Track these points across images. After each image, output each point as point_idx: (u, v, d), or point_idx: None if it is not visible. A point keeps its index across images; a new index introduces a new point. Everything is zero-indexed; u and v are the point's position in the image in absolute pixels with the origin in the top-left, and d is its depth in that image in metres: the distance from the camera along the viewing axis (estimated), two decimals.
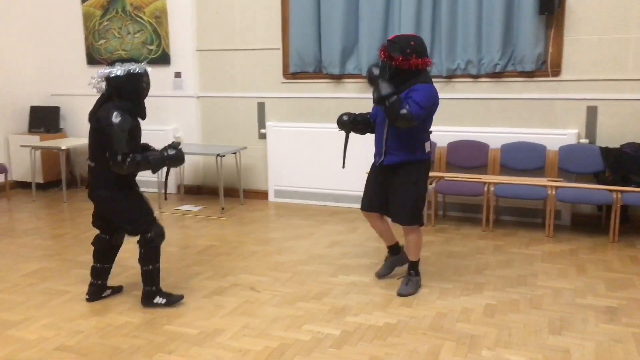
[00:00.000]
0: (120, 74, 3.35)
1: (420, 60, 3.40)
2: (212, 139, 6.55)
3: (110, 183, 3.39)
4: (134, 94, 3.40)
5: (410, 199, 3.61)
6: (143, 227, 3.47)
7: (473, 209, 5.49)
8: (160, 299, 3.53)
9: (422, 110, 3.38)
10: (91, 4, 6.74)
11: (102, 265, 3.65)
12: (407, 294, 3.66)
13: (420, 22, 5.46)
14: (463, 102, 5.55)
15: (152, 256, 3.50)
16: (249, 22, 6.18)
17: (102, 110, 3.37)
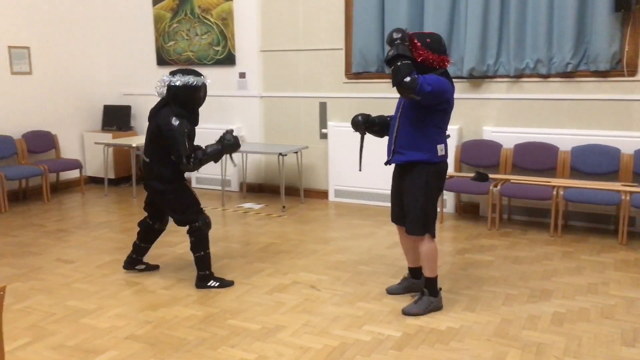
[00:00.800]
0: (178, 84, 3.64)
1: (435, 56, 3.24)
2: (274, 138, 6.65)
3: (162, 177, 3.75)
4: (189, 103, 3.70)
5: (417, 205, 3.34)
6: (191, 217, 3.79)
7: (540, 213, 5.31)
8: (214, 282, 3.84)
9: (429, 88, 3.12)
10: (162, 6, 6.99)
11: (141, 244, 4.06)
12: (411, 314, 3.36)
13: (488, 20, 5.33)
14: (531, 103, 5.38)
15: (202, 243, 3.80)
16: (313, 23, 6.23)
17: (160, 115, 3.69)
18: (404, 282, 3.75)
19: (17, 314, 3.44)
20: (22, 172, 6.24)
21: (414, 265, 3.65)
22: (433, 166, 3.34)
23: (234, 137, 3.81)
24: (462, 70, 5.52)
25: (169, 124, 3.58)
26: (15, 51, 6.43)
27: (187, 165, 3.62)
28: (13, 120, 6.46)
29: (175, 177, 3.77)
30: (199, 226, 3.77)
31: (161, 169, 3.74)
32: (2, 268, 4.25)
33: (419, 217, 3.37)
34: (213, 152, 3.74)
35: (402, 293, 3.68)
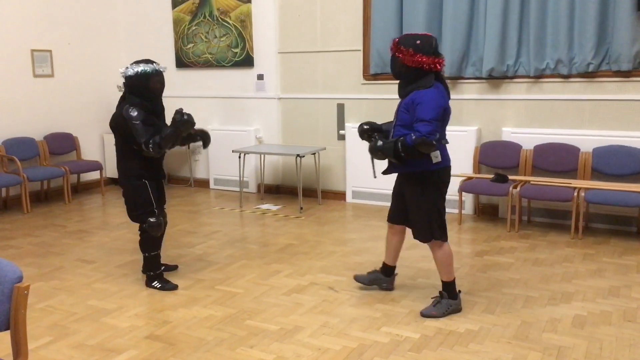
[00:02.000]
0: (130, 74, 3.69)
1: (427, 58, 3.17)
2: (292, 139, 6.66)
3: (125, 171, 3.80)
4: (144, 91, 3.70)
5: (420, 213, 3.35)
6: (140, 217, 3.81)
7: (561, 215, 5.24)
8: (157, 283, 3.87)
9: (432, 123, 3.12)
10: (181, 9, 7.06)
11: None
12: (429, 316, 3.35)
13: (507, 20, 5.28)
14: (552, 103, 5.32)
15: (147, 245, 3.86)
16: (331, 24, 6.24)
17: (119, 107, 3.73)
18: (373, 274, 3.80)
19: (39, 313, 3.50)
20: (44, 173, 6.34)
21: (390, 263, 3.73)
22: (429, 175, 3.29)
23: (186, 114, 3.70)
24: (481, 70, 5.48)
25: (127, 114, 3.61)
26: (37, 54, 6.55)
27: (147, 150, 3.60)
28: (35, 122, 6.57)
29: (136, 172, 3.75)
30: (146, 227, 3.79)
31: (126, 163, 3.78)
32: (25, 268, 4.32)
33: (422, 225, 3.36)
34: (169, 133, 3.66)
35: (367, 284, 3.78)
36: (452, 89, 5.70)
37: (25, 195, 6.03)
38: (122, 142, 3.74)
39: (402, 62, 3.22)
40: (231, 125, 6.90)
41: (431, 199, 3.33)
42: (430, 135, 3.10)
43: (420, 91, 3.20)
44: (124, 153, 3.76)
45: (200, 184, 7.25)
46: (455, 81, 5.69)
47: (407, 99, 3.27)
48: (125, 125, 3.62)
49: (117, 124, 3.69)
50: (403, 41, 3.25)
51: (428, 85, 3.21)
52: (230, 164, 6.67)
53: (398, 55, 3.23)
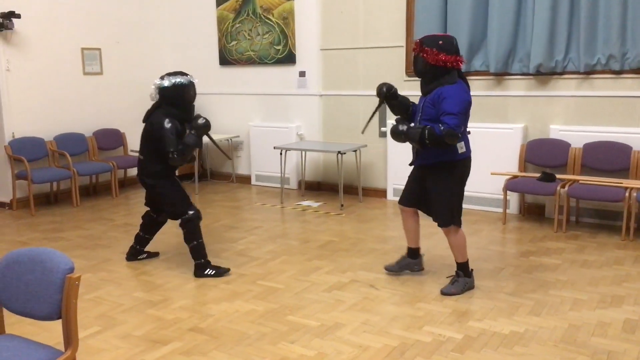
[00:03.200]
0: (167, 85, 3.93)
1: (449, 57, 3.41)
2: (333, 136, 6.66)
3: (154, 173, 4.03)
4: (179, 101, 3.97)
5: (443, 201, 3.59)
6: (180, 210, 4.00)
7: (611, 216, 5.07)
8: (210, 270, 4.02)
9: (458, 116, 3.37)
10: (225, 7, 7.14)
11: (144, 235, 4.36)
12: (450, 294, 3.61)
13: (557, 14, 5.13)
14: (603, 100, 5.14)
15: (194, 234, 4.02)
16: (374, 21, 6.20)
17: (154, 116, 3.96)
18: (401, 261, 3.99)
19: (88, 303, 3.61)
20: (93, 168, 6.53)
21: (413, 245, 3.95)
22: (454, 165, 3.54)
23: (203, 118, 3.98)
24: (528, 66, 5.34)
25: (161, 125, 3.86)
26: (87, 52, 6.75)
27: (173, 159, 3.84)
28: (85, 118, 6.77)
29: (165, 173, 4.04)
30: (189, 217, 3.98)
31: (153, 165, 4.01)
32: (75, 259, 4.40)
33: (445, 211, 3.61)
34: (189, 140, 3.90)
35: (397, 271, 3.97)
36: (497, 85, 5.62)
37: (75, 189, 6.24)
38: (154, 147, 3.95)
39: (426, 61, 3.45)
40: (273, 122, 6.95)
41: (455, 187, 3.61)
42: (457, 127, 3.35)
43: (445, 87, 3.43)
44: (156, 157, 3.97)
45: (242, 180, 7.33)
46: (501, 77, 5.57)
47: (432, 94, 3.48)
48: (160, 133, 3.86)
49: (154, 130, 3.90)
50: (426, 41, 3.49)
51: (452, 82, 3.45)
52: (271, 160, 6.72)
53: (422, 54, 3.47)
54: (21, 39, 6.11)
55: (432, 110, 3.47)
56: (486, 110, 5.66)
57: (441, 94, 3.42)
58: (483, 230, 5.06)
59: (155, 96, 4.00)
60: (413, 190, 3.78)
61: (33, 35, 6.20)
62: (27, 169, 5.83)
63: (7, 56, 6.01)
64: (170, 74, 4.01)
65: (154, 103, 4.04)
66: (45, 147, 6.28)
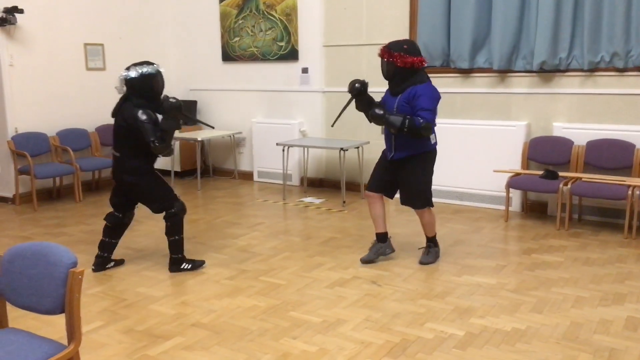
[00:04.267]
0: (134, 76, 3.79)
1: (415, 58, 3.78)
2: (335, 133, 6.63)
3: (133, 169, 3.88)
4: (148, 91, 3.82)
5: (420, 186, 3.98)
6: (166, 204, 3.95)
7: (613, 214, 5.06)
8: (186, 265, 4.04)
9: (433, 112, 3.79)
10: (228, 3, 7.13)
11: (110, 240, 4.10)
12: (428, 262, 4.10)
13: (561, 11, 5.11)
14: (606, 98, 5.13)
15: (177, 228, 3.99)
16: (377, 17, 6.18)
17: (124, 109, 3.82)
18: (373, 248, 4.23)
19: (90, 298, 3.61)
20: (96, 163, 6.54)
21: (381, 230, 4.21)
22: (429, 153, 3.98)
23: (172, 98, 3.80)
24: (531, 64, 5.33)
25: (136, 118, 3.72)
26: (90, 48, 6.74)
27: (155, 147, 3.72)
28: (87, 114, 6.77)
29: (146, 168, 3.93)
30: (175, 212, 3.95)
31: (132, 161, 3.87)
32: (78, 254, 4.37)
33: (421, 195, 4.00)
34: (166, 124, 3.78)
35: (374, 258, 4.19)
36: (500, 82, 5.61)
37: (77, 184, 6.25)
38: (131, 142, 3.82)
39: (395, 65, 3.79)
40: (275, 119, 6.95)
41: (429, 173, 4.02)
42: (432, 122, 3.78)
43: (418, 86, 3.81)
44: (133, 152, 3.85)
45: (244, 177, 7.34)
46: (505, 74, 5.55)
47: (405, 93, 3.83)
48: (136, 126, 3.73)
49: (129, 125, 3.77)
50: (393, 47, 3.84)
51: (423, 81, 3.85)
52: (274, 156, 6.72)
53: (390, 59, 3.81)
54: (24, 34, 6.11)
55: (407, 107, 3.81)
56: (489, 107, 5.65)
57: (416, 92, 3.78)
58: (485, 228, 5.05)
59: (121, 88, 3.87)
60: (382, 178, 4.11)
61: (36, 30, 6.20)
62: (30, 164, 5.84)
63: (11, 51, 6.01)
64: (136, 64, 3.85)
65: (122, 96, 3.90)
66: (48, 142, 6.28)
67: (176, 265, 4.03)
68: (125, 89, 3.85)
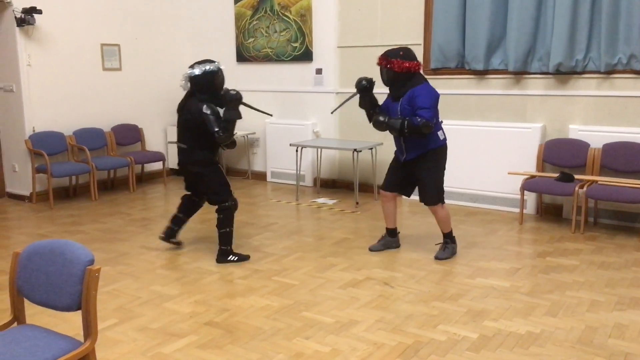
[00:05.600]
0: (198, 73, 4.08)
1: (411, 63, 3.99)
2: (349, 134, 6.65)
3: (199, 161, 4.16)
4: (210, 87, 4.10)
5: (432, 183, 4.14)
6: (223, 197, 4.19)
7: (630, 217, 5.01)
8: (233, 257, 4.24)
9: (431, 110, 3.94)
10: (243, 4, 7.17)
11: (183, 217, 4.49)
12: (444, 258, 4.23)
13: (577, 13, 5.07)
14: (623, 100, 5.07)
15: (229, 221, 4.21)
16: (391, 18, 6.18)
17: (189, 105, 4.11)
18: (382, 240, 4.50)
19: (106, 296, 3.65)
20: (111, 163, 6.60)
21: (391, 226, 4.47)
22: (439, 150, 4.12)
23: (232, 90, 4.07)
24: (547, 65, 5.29)
25: (200, 111, 4.02)
26: (107, 48, 6.82)
27: (220, 136, 3.99)
28: (103, 113, 6.85)
29: (211, 159, 4.19)
30: (229, 206, 4.18)
31: (197, 153, 4.14)
32: (93, 252, 4.47)
33: (434, 191, 4.16)
34: (228, 115, 4.06)
35: (381, 249, 4.45)
36: (516, 84, 5.58)
37: (93, 183, 6.31)
38: (197, 135, 4.09)
39: (393, 71, 4.00)
40: (289, 119, 6.97)
41: (441, 170, 4.17)
42: (431, 119, 3.92)
43: (416, 87, 4.01)
44: (199, 144, 4.12)
45: (257, 177, 7.36)
46: (520, 76, 5.52)
47: (406, 96, 4.03)
48: (201, 119, 4.01)
49: (195, 118, 4.05)
50: (390, 54, 4.05)
51: (421, 82, 4.04)
52: (287, 157, 6.74)
53: (388, 66, 4.02)
54: (42, 35, 6.19)
55: (409, 109, 4.01)
56: (504, 109, 5.62)
57: (414, 93, 3.98)
58: (500, 230, 5.03)
59: (186, 85, 4.15)
60: (396, 178, 4.31)
61: (54, 31, 6.28)
62: (47, 162, 5.91)
63: (28, 51, 6.10)
64: (199, 62, 4.14)
65: (187, 92, 4.18)
66: (65, 141, 6.36)
67: (224, 256, 4.22)
68: (190, 86, 4.12)
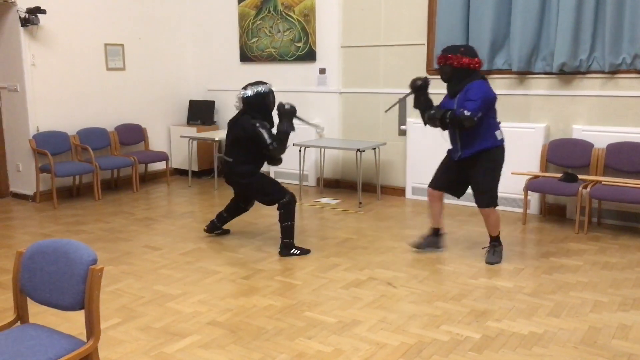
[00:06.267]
0: (250, 94, 4.37)
1: (471, 59, 3.94)
2: (352, 134, 6.65)
3: (245, 173, 4.43)
4: (262, 107, 4.40)
5: (487, 185, 4.04)
6: (277, 196, 4.42)
7: (634, 218, 4.99)
8: (296, 250, 4.40)
9: (477, 103, 3.85)
10: (246, 4, 7.17)
11: (226, 215, 4.79)
12: (495, 262, 4.14)
13: (582, 12, 5.05)
14: (628, 100, 5.06)
15: (290, 215, 4.40)
16: (395, 18, 6.17)
17: (242, 121, 4.36)
18: (427, 238, 4.44)
19: (109, 295, 3.66)
20: (115, 162, 6.62)
21: (436, 226, 4.41)
22: (496, 150, 4.02)
23: (287, 104, 4.40)
24: (551, 65, 5.28)
25: (254, 127, 4.28)
26: (110, 48, 6.83)
27: (274, 148, 4.26)
28: (107, 113, 6.86)
29: (254, 170, 4.48)
30: (287, 201, 4.39)
31: (244, 166, 4.41)
32: (96, 252, 4.47)
33: (486, 194, 4.06)
34: (282, 127, 4.34)
35: (423, 246, 4.42)
36: (519, 84, 5.57)
37: (97, 182, 6.32)
38: (245, 150, 4.38)
39: (452, 66, 3.97)
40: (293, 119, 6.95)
41: (496, 171, 4.06)
42: (474, 111, 3.83)
43: (472, 83, 3.96)
44: (245, 158, 4.40)
45: None
46: (524, 76, 5.51)
47: (462, 92, 3.97)
48: (254, 134, 4.27)
49: (247, 134, 4.31)
50: (449, 50, 4.03)
51: (478, 79, 4.00)
52: (290, 157, 6.71)
53: (446, 62, 3.98)
54: (46, 34, 6.21)
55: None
56: (508, 109, 5.60)
57: (469, 88, 3.94)
58: (503, 231, 4.98)
59: (239, 106, 4.43)
60: (446, 177, 4.24)
61: (58, 30, 6.30)
62: (50, 162, 5.93)
63: (33, 51, 6.11)
64: (252, 83, 4.42)
65: (239, 111, 4.46)
66: (69, 141, 6.38)
67: (287, 249, 4.39)
68: (242, 105, 4.40)
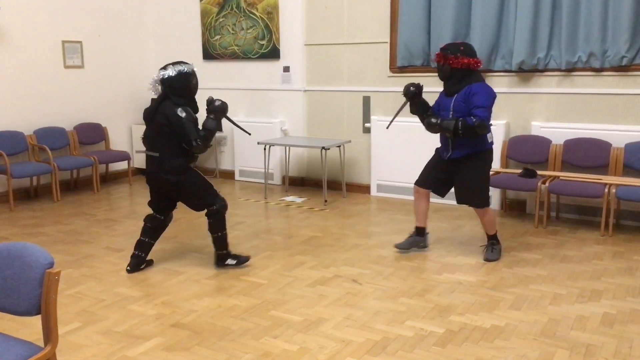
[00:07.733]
0: (172, 75, 3.78)
1: (471, 59, 3.88)
2: (317, 132, 6.66)
3: (176, 168, 3.84)
4: (185, 90, 3.83)
5: (479, 185, 4.04)
6: (208, 201, 3.96)
7: (590, 212, 5.14)
8: (231, 260, 4.07)
9: (488, 110, 3.83)
10: (208, 1, 7.08)
11: (149, 241, 4.08)
12: (494, 259, 4.14)
13: (539, 12, 5.17)
14: (583, 98, 5.21)
15: (221, 224, 4.00)
16: (358, 16, 6.20)
17: (164, 108, 3.79)
18: (410, 239, 4.36)
19: (69, 299, 3.57)
20: (74, 162, 6.45)
21: (421, 225, 4.34)
22: (486, 153, 4.02)
23: (218, 100, 3.94)
24: (510, 63, 5.39)
25: (177, 116, 3.73)
26: (68, 45, 6.65)
27: (197, 146, 3.77)
28: (66, 112, 6.68)
29: (187, 166, 3.90)
30: (217, 209, 3.95)
31: (173, 160, 3.83)
32: (55, 255, 4.36)
33: (481, 194, 4.05)
34: (210, 124, 3.86)
35: (408, 247, 4.33)
36: None
37: (55, 183, 6.16)
38: (172, 142, 3.80)
39: (451, 67, 3.89)
40: (256, 117, 6.92)
41: (487, 172, 4.08)
42: (487, 119, 3.82)
43: (474, 84, 3.89)
44: (175, 151, 3.82)
45: (225, 175, 7.30)
46: (484, 74, 5.55)
47: (462, 93, 3.91)
48: (179, 124, 3.73)
49: (171, 123, 3.75)
50: (449, 49, 3.95)
51: (479, 80, 3.94)
52: (255, 155, 6.70)
53: (446, 62, 3.91)
54: (1, 31, 6.00)
55: (463, 106, 3.89)
56: None
57: (471, 91, 3.86)
58: (465, 226, 5.10)
59: (156, 88, 3.85)
60: (433, 176, 4.20)
61: (13, 27, 6.10)
62: (6, 163, 5.74)
63: None
64: (172, 63, 3.84)
65: (158, 97, 3.85)
66: (25, 141, 6.18)
67: (222, 260, 4.06)
68: (162, 89, 3.82)
